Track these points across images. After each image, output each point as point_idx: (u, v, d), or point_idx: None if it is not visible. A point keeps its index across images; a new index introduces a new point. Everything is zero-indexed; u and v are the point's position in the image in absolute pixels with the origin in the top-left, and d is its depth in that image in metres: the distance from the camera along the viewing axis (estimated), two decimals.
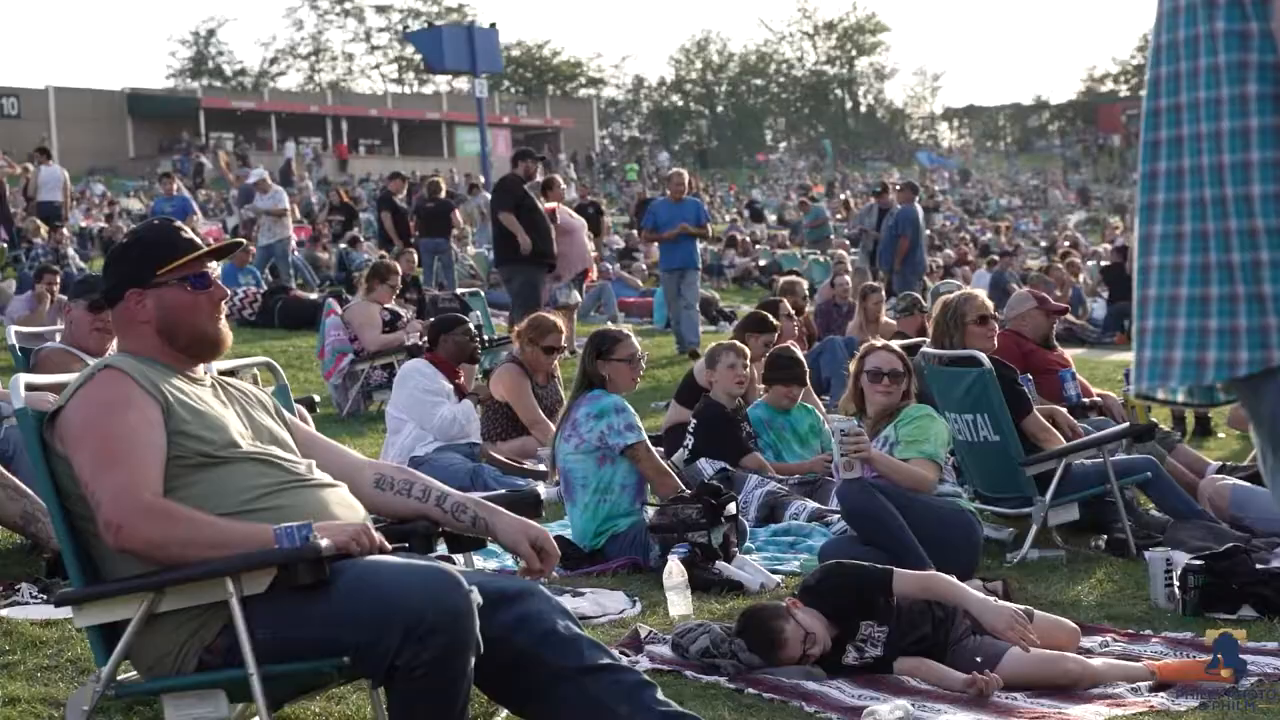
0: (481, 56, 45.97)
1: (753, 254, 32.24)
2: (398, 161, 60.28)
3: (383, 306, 12.89)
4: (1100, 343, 20.49)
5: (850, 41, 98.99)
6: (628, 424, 7.24)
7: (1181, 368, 2.20)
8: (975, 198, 62.71)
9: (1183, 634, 5.92)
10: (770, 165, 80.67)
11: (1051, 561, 7.26)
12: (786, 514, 8.12)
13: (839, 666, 5.31)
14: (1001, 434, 7.56)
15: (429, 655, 3.45)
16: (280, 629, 3.57)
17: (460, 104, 69.65)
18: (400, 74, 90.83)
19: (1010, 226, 43.62)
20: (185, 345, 3.93)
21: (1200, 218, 2.16)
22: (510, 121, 70.77)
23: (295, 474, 3.90)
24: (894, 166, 73.98)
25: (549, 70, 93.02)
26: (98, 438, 3.68)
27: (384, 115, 69.93)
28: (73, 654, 5.08)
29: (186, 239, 3.98)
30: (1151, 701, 5.03)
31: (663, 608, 6.19)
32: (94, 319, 7.22)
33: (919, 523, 6.61)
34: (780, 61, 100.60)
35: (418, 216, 21.81)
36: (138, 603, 3.62)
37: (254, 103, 68.44)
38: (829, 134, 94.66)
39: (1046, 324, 9.23)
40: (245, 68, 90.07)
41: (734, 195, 57.48)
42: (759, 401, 9.23)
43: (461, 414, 9.29)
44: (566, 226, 16.15)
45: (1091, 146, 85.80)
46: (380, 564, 3.65)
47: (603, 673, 3.74)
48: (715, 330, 19.94)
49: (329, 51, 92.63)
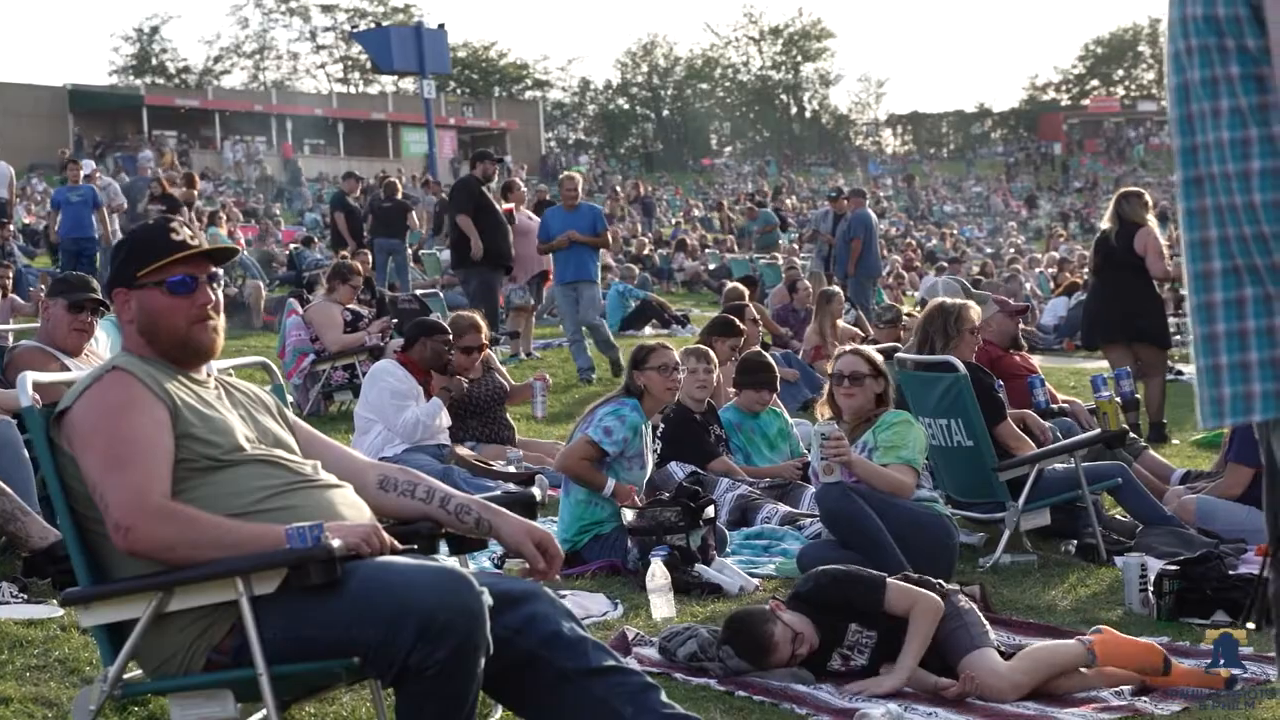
0: (430, 57, 45.86)
1: (701, 258, 32.29)
2: (342, 161, 59.97)
3: (344, 306, 12.82)
4: (1051, 349, 20.65)
5: (796, 47, 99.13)
6: (605, 427, 7.29)
7: (1262, 400, 2.24)
8: (920, 203, 63.05)
9: (1159, 639, 5.98)
10: (715, 170, 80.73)
11: (1024, 566, 7.32)
12: (758, 518, 8.15)
13: (824, 672, 5.34)
14: (975, 439, 7.61)
15: (441, 655, 3.45)
16: (290, 629, 3.56)
17: (406, 104, 69.35)
18: (345, 74, 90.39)
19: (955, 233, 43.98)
20: (165, 349, 3.89)
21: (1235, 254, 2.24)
22: (456, 123, 70.50)
23: (302, 475, 3.89)
24: (838, 172, 74.17)
25: (495, 72, 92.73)
26: (106, 439, 3.66)
27: (329, 115, 69.51)
28: (60, 653, 5.04)
29: (173, 241, 3.89)
30: (1135, 704, 5.09)
31: (644, 610, 6.21)
32: (73, 319, 7.16)
33: (897, 527, 6.65)
34: (726, 66, 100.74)
35: (373, 216, 21.72)
36: (145, 602, 3.60)
37: (198, 101, 67.89)
38: (774, 139, 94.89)
39: (1011, 326, 9.33)
40: (189, 65, 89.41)
41: (680, 199, 57.52)
42: (729, 405, 9.26)
43: (427, 415, 9.24)
44: (524, 229, 16.13)
45: (1034, 154, 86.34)
46: (392, 564, 3.65)
47: (608, 675, 3.74)
48: (668, 334, 19.95)
49: (274, 50, 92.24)
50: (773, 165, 79.83)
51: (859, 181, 54.26)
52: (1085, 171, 77.09)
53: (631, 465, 7.43)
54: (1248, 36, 2.19)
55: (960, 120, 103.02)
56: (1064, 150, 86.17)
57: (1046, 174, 78.78)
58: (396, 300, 16.33)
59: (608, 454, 7.31)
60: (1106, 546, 7.48)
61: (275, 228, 32.63)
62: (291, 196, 47.53)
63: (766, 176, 69.39)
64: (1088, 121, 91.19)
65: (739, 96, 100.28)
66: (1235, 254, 2.22)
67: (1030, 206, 62.65)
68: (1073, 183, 74.03)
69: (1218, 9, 2.22)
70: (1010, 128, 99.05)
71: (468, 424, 9.78)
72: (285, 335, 12.88)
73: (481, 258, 15.15)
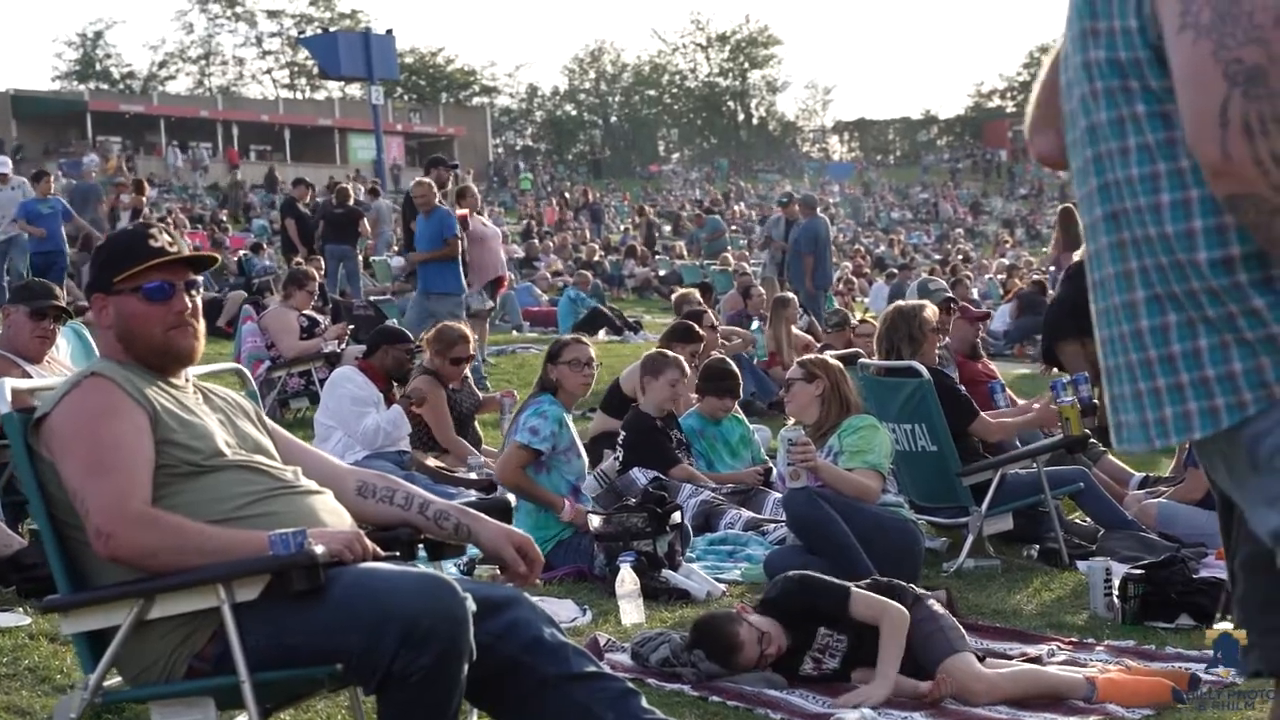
0: (378, 63, 45.79)
1: (652, 264, 32.32)
2: (289, 168, 59.70)
3: (300, 313, 12.76)
4: (1001, 354, 20.73)
5: (743, 54, 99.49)
6: (531, 428, 7.31)
7: (1199, 417, 2.35)
8: (866, 210, 63.31)
9: (1125, 642, 6.04)
10: (663, 176, 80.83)
11: (987, 571, 7.35)
12: (721, 523, 8.16)
13: (797, 677, 5.35)
14: (939, 444, 7.65)
15: (425, 662, 3.44)
16: (272, 636, 3.54)
17: (353, 110, 69.12)
18: (292, 79, 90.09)
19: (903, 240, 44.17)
20: (141, 355, 3.86)
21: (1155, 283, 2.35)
22: (403, 129, 70.31)
23: (283, 481, 3.87)
24: (785, 178, 74.39)
25: (442, 78, 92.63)
26: (86, 446, 3.63)
27: (275, 121, 69.24)
28: (30, 661, 5.00)
29: (151, 247, 3.86)
30: (1106, 708, 5.12)
31: (614, 616, 6.21)
32: (35, 325, 7.10)
33: (863, 531, 6.67)
34: (674, 73, 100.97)
35: (324, 222, 21.62)
36: (127, 609, 3.57)
37: (143, 106, 67.48)
38: (721, 146, 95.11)
39: (971, 332, 9.37)
40: (134, 71, 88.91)
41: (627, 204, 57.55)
42: (691, 411, 9.26)
43: (388, 423, 9.22)
44: (480, 234, 16.09)
45: (980, 161, 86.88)
46: (375, 571, 3.63)
47: (589, 680, 3.74)
48: (621, 340, 19.92)
49: (219, 56, 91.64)
50: (722, 168, 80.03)
51: (804, 188, 54.44)
52: (1030, 178, 77.54)
53: (568, 457, 7.47)
54: (1150, 77, 2.29)
55: (907, 127, 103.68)
56: (1009, 157, 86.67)
57: (993, 181, 79.25)
58: (352, 307, 16.27)
59: (541, 453, 7.32)
60: (1068, 551, 7.52)
61: (223, 234, 32.42)
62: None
63: (714, 183, 69.51)
64: None
65: (686, 103, 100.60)
66: (1155, 283, 2.33)
67: (976, 213, 63.00)
68: (1018, 189, 74.47)
69: (1119, 53, 2.32)
70: (956, 134, 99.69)
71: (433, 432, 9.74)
72: (241, 342, 12.81)
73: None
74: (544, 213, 48.11)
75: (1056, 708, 5.14)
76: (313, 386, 12.26)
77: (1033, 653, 5.81)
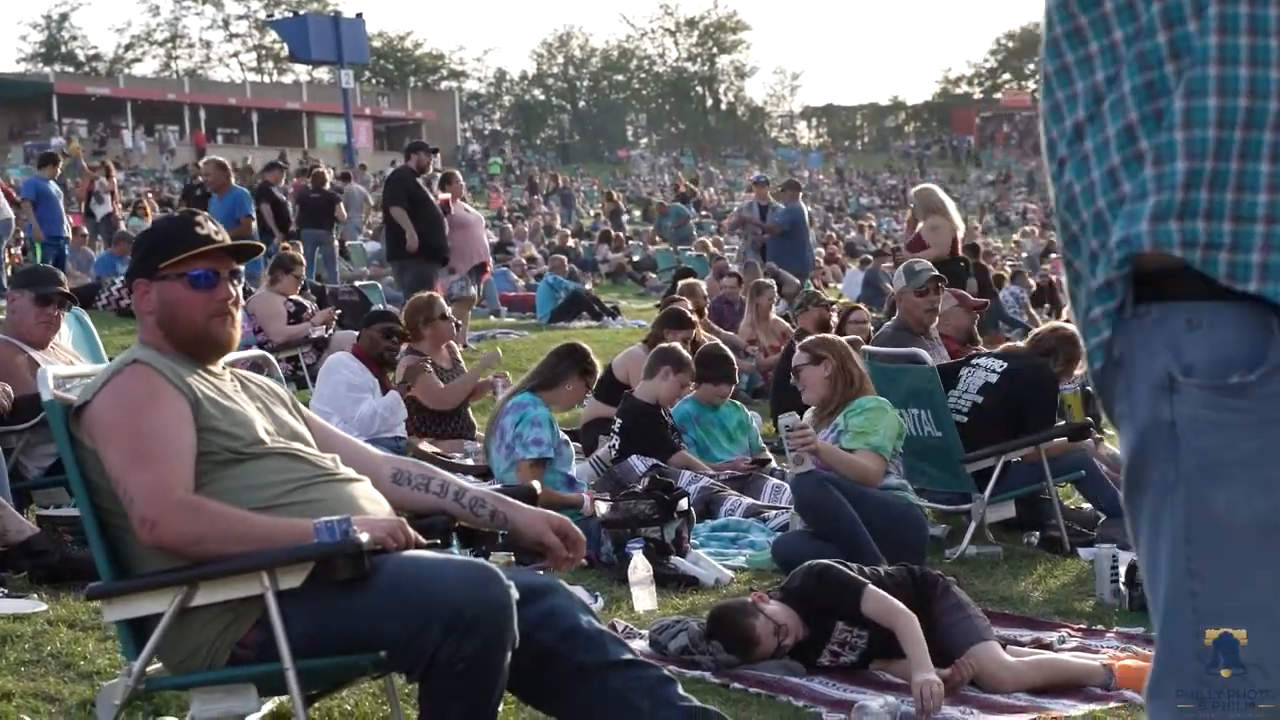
0: (348, 47, 45.45)
1: (626, 249, 32.26)
2: (257, 151, 59.44)
3: (287, 298, 12.70)
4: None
5: (711, 39, 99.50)
6: (533, 439, 7.38)
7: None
8: (835, 196, 63.39)
9: (1135, 629, 6.06)
10: (631, 161, 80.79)
11: (990, 557, 7.37)
12: (722, 510, 8.16)
13: (814, 666, 5.35)
14: (943, 430, 7.67)
15: (470, 650, 3.44)
16: (316, 623, 3.54)
17: (321, 94, 68.90)
18: (260, 63, 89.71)
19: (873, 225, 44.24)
20: (182, 342, 3.86)
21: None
22: (372, 113, 70.11)
23: (323, 468, 3.86)
24: (753, 164, 74.41)
25: (411, 62, 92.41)
26: (129, 434, 3.63)
27: (243, 104, 68.93)
28: (52, 648, 4.97)
29: (199, 234, 3.87)
30: (1124, 695, 5.14)
31: (625, 603, 6.21)
32: (40, 311, 7.07)
33: (870, 517, 6.67)
34: (642, 58, 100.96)
35: (301, 207, 21.49)
36: (170, 596, 3.58)
37: (109, 89, 67.09)
38: (689, 131, 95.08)
39: (968, 320, 9.40)
40: (100, 53, 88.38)
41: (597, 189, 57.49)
42: (688, 397, 9.25)
43: (384, 409, 9.20)
44: (462, 220, 16.04)
45: (947, 147, 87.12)
46: (419, 559, 3.63)
47: (625, 668, 3.75)
48: (600, 326, 19.87)
49: (186, 39, 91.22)
50: (689, 156, 80.00)
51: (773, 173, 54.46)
52: (998, 165, 77.82)
53: (562, 451, 7.57)
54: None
55: (874, 113, 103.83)
56: (976, 143, 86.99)
57: (960, 167, 79.48)
58: (337, 292, 16.21)
59: (550, 459, 7.42)
60: (1069, 538, 7.55)
61: None
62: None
63: (683, 169, 69.49)
64: (1000, 115, 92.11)
65: (655, 88, 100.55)
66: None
67: None
68: (985, 176, 74.69)
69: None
70: (924, 121, 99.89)
71: (426, 415, 9.72)
72: None
73: (417, 250, 15.04)
74: (489, 197, 47.92)
75: (1075, 694, 5.16)
76: (300, 372, 12.20)
77: (1045, 639, 5.83)
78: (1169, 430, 2.07)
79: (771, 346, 13.56)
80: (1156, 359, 2.08)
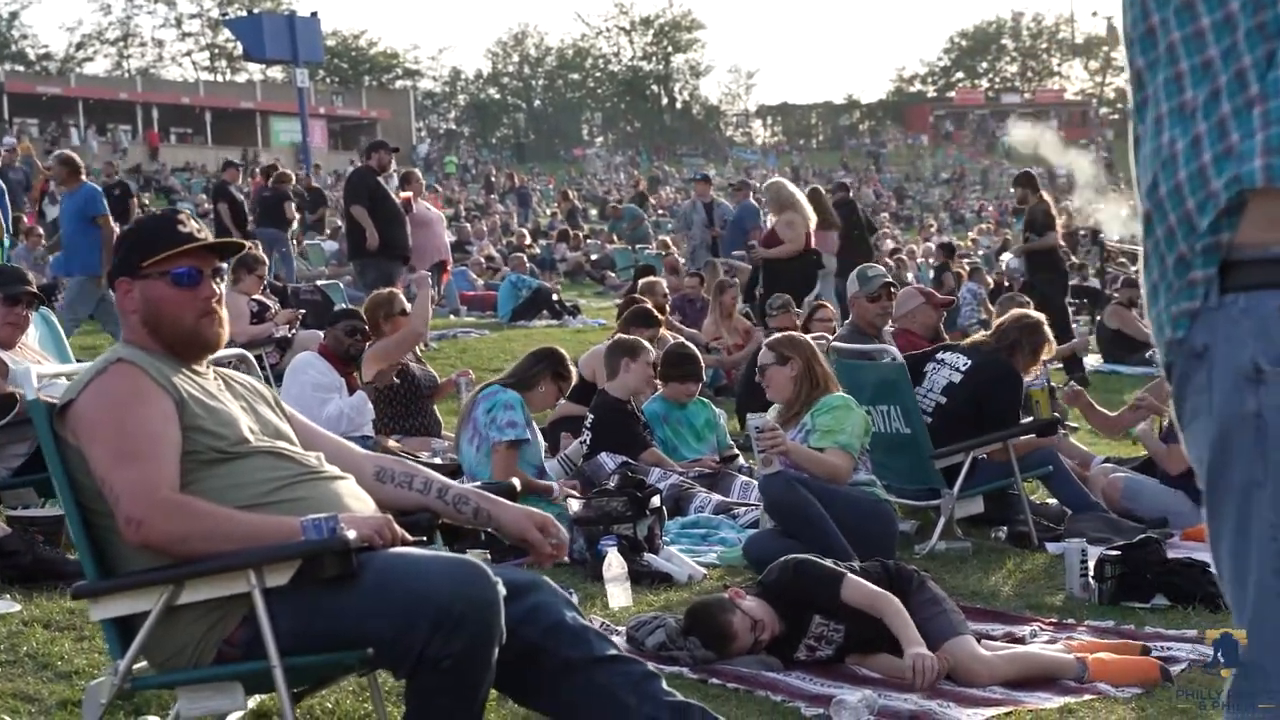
0: (303, 46, 45.35)
1: (584, 248, 32.25)
2: (210, 151, 59.18)
3: (250, 297, 12.64)
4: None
5: (666, 38, 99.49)
6: (508, 421, 7.39)
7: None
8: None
9: (1106, 622, 6.11)
10: (587, 160, 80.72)
11: (959, 553, 7.41)
12: (691, 507, 8.19)
13: (791, 661, 5.38)
14: (912, 426, 7.70)
15: (457, 646, 3.45)
16: (303, 621, 3.54)
17: (274, 93, 68.63)
18: (213, 62, 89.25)
19: None
20: (168, 341, 3.85)
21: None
22: (326, 112, 69.80)
23: (308, 466, 3.86)
24: (709, 163, 74.46)
25: (365, 61, 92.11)
26: (114, 432, 3.62)
27: (196, 104, 68.54)
28: (29, 648, 4.95)
29: (182, 232, 3.86)
30: (1097, 687, 5.19)
31: (600, 599, 6.23)
32: (8, 311, 7.03)
33: (839, 514, 6.70)
34: (597, 56, 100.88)
35: (259, 207, 21.39)
36: (156, 595, 3.57)
37: (60, 88, 66.58)
38: (644, 130, 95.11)
39: (935, 317, 9.45)
40: (50, 52, 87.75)
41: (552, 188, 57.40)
42: (656, 396, 9.27)
43: (351, 409, 9.18)
44: (423, 219, 16.03)
45: (902, 146, 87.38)
46: (405, 556, 3.63)
47: (610, 664, 3.76)
48: (560, 325, 19.87)
49: (138, 38, 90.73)
50: (644, 156, 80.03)
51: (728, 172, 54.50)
52: (952, 163, 78.10)
53: (533, 439, 7.64)
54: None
55: (829, 111, 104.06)
56: (931, 142, 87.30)
57: (915, 165, 79.73)
58: (299, 291, 16.14)
59: (526, 441, 7.46)
60: (1036, 533, 7.61)
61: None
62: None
63: (638, 167, 69.49)
64: (954, 113, 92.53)
65: (610, 87, 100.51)
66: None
67: (900, 199, 63.33)
68: (940, 174, 74.95)
69: None
70: (878, 119, 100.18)
71: (393, 413, 9.70)
72: None
73: (378, 248, 15.01)
74: (427, 197, 47.72)
75: (1049, 687, 5.20)
76: (264, 372, 12.14)
77: (1016, 633, 5.87)
78: (1255, 423, 2.00)
79: (735, 345, 13.62)
80: (1243, 349, 2.01)
